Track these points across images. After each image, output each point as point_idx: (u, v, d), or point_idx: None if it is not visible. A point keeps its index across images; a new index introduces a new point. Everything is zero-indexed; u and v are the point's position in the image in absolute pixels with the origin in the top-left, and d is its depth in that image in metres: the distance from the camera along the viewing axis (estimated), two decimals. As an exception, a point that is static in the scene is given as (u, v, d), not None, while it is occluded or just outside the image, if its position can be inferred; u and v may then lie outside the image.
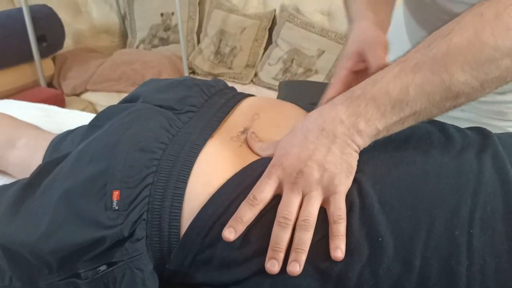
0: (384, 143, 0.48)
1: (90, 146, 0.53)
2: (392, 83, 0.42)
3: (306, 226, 0.42)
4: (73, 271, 0.48)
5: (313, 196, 0.44)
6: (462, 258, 0.37)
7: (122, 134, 0.52)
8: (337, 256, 0.41)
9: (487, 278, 0.36)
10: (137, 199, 0.47)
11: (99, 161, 0.50)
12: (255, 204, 0.44)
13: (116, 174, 0.48)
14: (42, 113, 1.06)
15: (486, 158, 0.44)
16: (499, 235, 0.38)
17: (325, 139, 0.44)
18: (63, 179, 0.51)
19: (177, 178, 0.48)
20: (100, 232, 0.46)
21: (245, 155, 0.51)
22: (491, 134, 0.48)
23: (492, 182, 0.41)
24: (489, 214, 0.39)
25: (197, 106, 0.58)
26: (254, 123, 0.56)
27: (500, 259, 0.37)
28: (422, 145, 0.47)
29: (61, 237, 0.47)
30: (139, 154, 0.49)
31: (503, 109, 0.72)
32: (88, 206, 0.47)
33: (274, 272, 0.41)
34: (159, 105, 0.57)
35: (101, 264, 0.47)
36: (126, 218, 0.46)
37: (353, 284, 0.41)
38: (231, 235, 0.43)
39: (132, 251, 0.46)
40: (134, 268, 0.46)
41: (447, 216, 0.40)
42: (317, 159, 0.44)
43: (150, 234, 0.47)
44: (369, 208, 0.42)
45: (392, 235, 0.40)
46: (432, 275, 0.38)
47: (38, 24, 1.95)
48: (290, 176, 0.44)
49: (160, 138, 0.51)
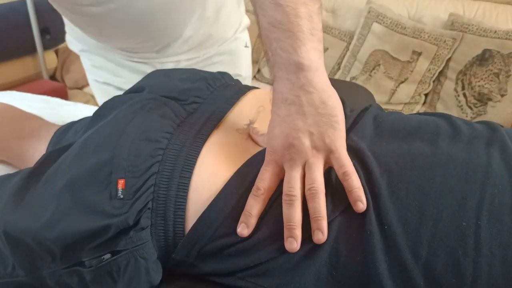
0: (392, 135, 0.49)
1: (94, 136, 0.53)
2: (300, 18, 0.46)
3: (314, 194, 0.43)
4: (76, 259, 0.48)
5: (311, 163, 0.44)
6: (469, 250, 0.37)
7: (126, 123, 0.52)
8: (359, 208, 0.41)
9: (494, 270, 0.36)
10: (143, 188, 0.47)
11: (103, 150, 0.50)
12: (260, 194, 0.44)
13: (121, 163, 0.48)
14: (45, 105, 1.06)
15: (494, 151, 0.44)
16: (506, 227, 0.38)
17: (293, 106, 0.45)
18: (67, 168, 0.51)
19: (182, 167, 0.48)
20: (105, 220, 0.46)
21: (251, 147, 0.52)
22: (499, 127, 0.48)
23: (500, 175, 0.41)
24: (497, 207, 0.39)
25: (203, 97, 0.58)
26: (260, 115, 0.56)
27: (507, 251, 0.37)
28: (430, 137, 0.47)
29: (65, 226, 0.47)
30: (144, 144, 0.49)
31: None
32: (92, 195, 0.48)
33: (294, 250, 0.41)
34: (164, 95, 0.58)
35: (106, 253, 0.47)
36: (131, 207, 0.46)
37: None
38: (244, 231, 0.43)
39: (137, 239, 0.46)
40: (138, 257, 0.46)
41: (455, 207, 0.40)
42: (300, 127, 0.44)
43: (155, 223, 0.47)
44: (377, 196, 0.43)
45: (399, 224, 0.40)
46: (438, 265, 0.38)
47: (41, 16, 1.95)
48: (285, 156, 0.45)
49: (165, 128, 0.51)
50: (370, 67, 1.87)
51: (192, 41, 0.84)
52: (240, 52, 0.95)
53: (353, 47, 1.92)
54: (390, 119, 0.52)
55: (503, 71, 1.62)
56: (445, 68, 1.75)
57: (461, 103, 1.72)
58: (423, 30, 1.75)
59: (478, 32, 1.67)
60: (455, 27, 1.72)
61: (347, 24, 2.00)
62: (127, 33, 0.78)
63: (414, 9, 1.86)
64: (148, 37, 0.80)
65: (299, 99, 0.44)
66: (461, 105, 1.72)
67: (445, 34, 1.72)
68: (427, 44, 1.74)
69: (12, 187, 0.54)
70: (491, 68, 1.64)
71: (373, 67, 1.86)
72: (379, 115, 0.53)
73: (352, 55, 1.93)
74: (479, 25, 1.67)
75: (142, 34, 0.79)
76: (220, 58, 0.91)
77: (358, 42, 1.91)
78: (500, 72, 1.62)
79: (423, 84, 1.78)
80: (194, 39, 0.84)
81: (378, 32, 1.84)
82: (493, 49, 1.63)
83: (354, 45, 1.92)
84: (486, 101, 1.66)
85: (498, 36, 1.62)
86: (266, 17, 0.47)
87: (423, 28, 1.76)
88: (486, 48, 1.64)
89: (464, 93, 1.71)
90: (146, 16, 0.74)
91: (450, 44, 1.71)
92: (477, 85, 1.67)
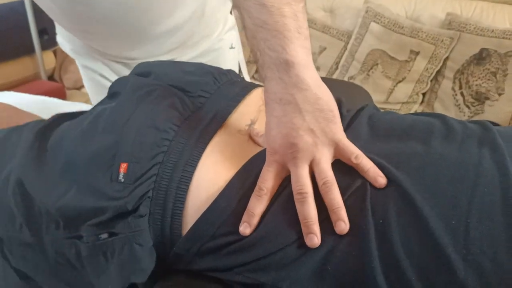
0: (386, 135, 0.49)
1: (102, 116, 0.53)
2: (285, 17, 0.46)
3: (329, 187, 0.43)
4: (77, 232, 0.49)
5: (318, 158, 0.45)
6: (459, 247, 0.38)
7: (134, 108, 0.52)
8: (380, 183, 0.42)
9: (485, 268, 0.37)
10: (145, 176, 0.47)
11: (110, 132, 0.50)
12: (262, 194, 0.45)
13: (125, 147, 0.48)
14: (43, 106, 1.06)
15: (485, 150, 0.44)
16: (497, 225, 0.38)
17: (288, 105, 0.45)
18: (74, 143, 0.52)
19: (186, 161, 0.48)
20: (103, 202, 0.47)
21: (253, 148, 0.52)
22: (491, 126, 0.48)
23: (491, 174, 0.41)
24: (488, 205, 0.39)
25: (209, 92, 0.58)
26: (261, 114, 0.56)
27: (497, 249, 0.37)
28: (423, 137, 0.47)
29: (67, 200, 0.48)
30: (152, 132, 0.50)
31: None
32: (94, 175, 0.48)
33: (315, 245, 0.42)
34: (171, 84, 0.58)
35: (103, 232, 0.48)
36: (132, 193, 0.47)
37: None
38: (246, 230, 0.44)
39: (134, 226, 0.47)
40: (134, 243, 0.47)
41: (445, 206, 0.40)
42: (299, 126, 0.44)
43: (153, 212, 0.47)
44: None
45: (393, 220, 0.40)
46: (430, 262, 0.38)
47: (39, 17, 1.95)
48: (287, 155, 0.45)
49: (173, 120, 0.52)
50: (368, 66, 1.87)
51: (173, 40, 0.83)
52: (225, 53, 0.94)
53: (351, 46, 1.93)
54: (384, 119, 0.52)
55: (500, 70, 1.62)
56: (442, 67, 1.76)
57: (458, 102, 1.72)
58: (420, 29, 1.75)
59: (476, 32, 1.67)
60: (453, 26, 1.72)
61: (345, 23, 2.00)
62: (101, 31, 0.78)
63: (412, 8, 1.86)
64: (120, 35, 0.79)
65: (294, 97, 0.45)
66: (459, 104, 1.72)
67: (443, 33, 1.72)
68: (425, 44, 1.75)
69: (24, 146, 0.55)
70: (488, 67, 1.64)
71: (371, 66, 1.86)
72: (374, 115, 0.53)
73: (350, 55, 1.93)
74: (476, 24, 1.68)
75: (113, 32, 0.78)
76: (203, 60, 0.90)
77: (356, 41, 1.91)
78: (498, 71, 1.62)
79: (421, 83, 1.79)
80: (175, 38, 0.82)
81: (376, 31, 1.85)
82: (490, 48, 1.63)
83: (352, 44, 1.92)
84: (483, 100, 1.67)
85: (495, 35, 1.63)
86: (251, 18, 0.47)
87: (421, 27, 1.76)
88: (484, 47, 1.65)
89: (461, 92, 1.72)
90: (114, 14, 0.73)
91: (448, 44, 1.71)
92: (474, 84, 1.68)
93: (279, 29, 0.45)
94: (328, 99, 0.46)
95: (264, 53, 0.46)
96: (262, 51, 0.47)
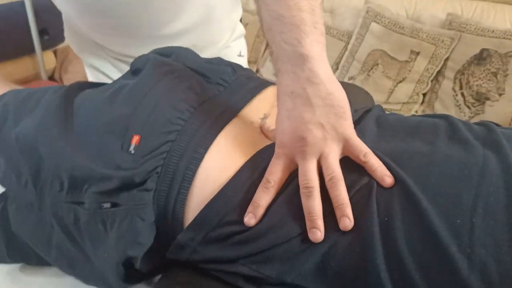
0: (393, 135, 0.49)
1: (123, 90, 0.54)
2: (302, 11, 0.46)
3: (336, 182, 0.43)
4: (79, 199, 0.50)
5: (326, 153, 0.45)
6: (464, 246, 0.38)
7: (154, 85, 0.53)
8: (387, 183, 0.42)
9: (488, 267, 0.37)
10: (156, 151, 0.48)
11: (128, 104, 0.51)
12: (269, 186, 0.45)
13: (140, 120, 0.49)
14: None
15: (490, 151, 0.44)
16: (501, 225, 0.38)
17: (299, 98, 0.45)
18: (93, 107, 0.54)
19: (198, 143, 0.49)
20: (111, 170, 0.48)
21: (263, 141, 0.52)
22: (495, 127, 0.49)
23: (495, 174, 0.41)
24: (492, 204, 0.39)
25: (228, 81, 0.58)
26: (274, 109, 0.57)
27: (501, 249, 0.37)
28: (429, 137, 0.47)
29: (78, 160, 0.50)
30: (168, 109, 0.50)
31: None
32: (106, 142, 0.49)
33: (318, 240, 0.41)
34: (192, 68, 0.58)
35: (106, 202, 0.49)
36: (140, 166, 0.47)
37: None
38: (251, 220, 0.44)
39: (138, 199, 0.48)
40: (135, 216, 0.47)
41: (449, 204, 0.40)
42: (309, 120, 0.44)
43: (159, 188, 0.48)
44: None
45: (397, 218, 0.40)
46: (433, 261, 0.38)
47: (40, 17, 1.95)
48: (296, 148, 0.45)
49: (190, 101, 0.52)
50: (368, 66, 1.87)
51: (179, 44, 0.83)
52: (231, 60, 0.94)
53: (352, 46, 1.93)
54: (391, 120, 0.53)
55: (501, 71, 1.62)
56: (443, 67, 1.76)
57: (459, 103, 1.72)
58: (421, 29, 1.75)
59: (476, 32, 1.67)
60: (453, 26, 1.72)
61: (345, 24, 2.00)
62: (106, 23, 0.79)
63: (412, 8, 1.86)
64: (124, 31, 0.80)
65: (305, 91, 0.45)
66: (459, 105, 1.72)
67: (443, 33, 1.72)
68: (425, 44, 1.74)
69: (51, 105, 0.56)
70: (489, 68, 1.64)
71: (371, 66, 1.86)
72: (381, 116, 0.54)
73: (350, 55, 1.93)
74: (477, 24, 1.68)
75: (118, 26, 0.79)
76: None
77: (357, 41, 1.91)
78: (498, 71, 1.62)
79: (421, 83, 1.79)
80: (181, 42, 0.82)
81: (376, 31, 1.85)
82: (491, 49, 1.63)
83: (353, 44, 1.92)
84: (484, 101, 1.67)
85: (496, 36, 1.63)
86: (268, 11, 0.47)
87: (421, 27, 1.76)
88: (484, 48, 1.65)
89: (462, 92, 1.72)
90: (115, 7, 0.74)
91: (448, 44, 1.71)
92: (475, 84, 1.68)
93: (295, 23, 0.45)
94: (340, 96, 0.46)
95: (279, 46, 0.46)
96: (277, 44, 0.47)
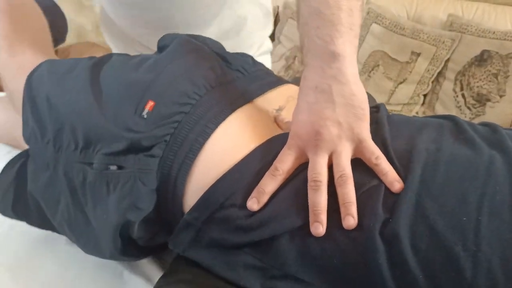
0: (400, 134, 0.49)
1: (148, 60, 0.56)
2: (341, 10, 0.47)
3: (345, 180, 0.43)
4: (90, 159, 0.52)
5: (339, 150, 0.45)
6: (469, 245, 0.38)
7: (177, 58, 0.55)
8: (396, 188, 0.42)
9: (493, 265, 0.37)
10: (168, 120, 0.49)
11: (149, 72, 0.53)
12: (277, 174, 0.45)
13: (158, 88, 0.51)
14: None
15: (496, 151, 0.44)
16: (506, 224, 0.38)
17: (322, 94, 0.46)
18: (115, 71, 0.56)
19: (210, 119, 0.50)
20: (121, 130, 0.49)
21: (275, 130, 0.53)
22: (500, 129, 0.49)
23: (502, 174, 0.42)
24: (498, 203, 0.39)
25: (247, 71, 0.60)
26: (289, 104, 0.58)
27: (506, 247, 0.37)
28: (435, 136, 0.48)
29: (94, 119, 0.52)
30: (186, 82, 0.52)
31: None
32: (121, 103, 0.51)
33: (320, 234, 0.42)
34: (216, 52, 0.60)
35: (113, 164, 0.50)
36: (151, 131, 0.49)
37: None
38: (254, 205, 0.44)
39: (144, 164, 0.49)
40: (138, 180, 0.49)
41: (455, 203, 0.40)
42: (328, 116, 0.45)
43: (165, 156, 0.49)
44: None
45: (401, 216, 0.41)
46: (437, 259, 0.38)
47: (41, 17, 1.95)
48: (310, 141, 0.46)
49: (209, 79, 0.54)
50: (369, 67, 1.87)
51: None
52: None
53: (352, 47, 1.93)
54: (396, 119, 0.53)
55: (501, 72, 1.62)
56: (444, 68, 1.75)
57: (459, 104, 1.72)
58: (422, 30, 1.75)
59: (477, 33, 1.67)
60: (454, 27, 1.72)
61: (346, 24, 2.00)
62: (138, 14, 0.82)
63: (413, 10, 1.86)
64: (153, 25, 0.82)
65: (330, 88, 0.45)
66: (460, 106, 1.72)
67: (444, 34, 1.72)
68: (426, 45, 1.74)
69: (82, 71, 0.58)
70: (489, 69, 1.64)
71: (372, 67, 1.86)
72: (388, 116, 0.54)
73: (351, 56, 1.93)
74: (477, 26, 1.68)
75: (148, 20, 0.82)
76: None
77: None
78: (499, 72, 1.62)
79: (422, 84, 1.79)
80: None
81: (377, 33, 1.85)
82: (491, 50, 1.63)
83: (353, 45, 1.92)
84: (484, 102, 1.67)
85: (496, 37, 1.63)
86: (308, 6, 0.48)
87: (422, 29, 1.76)
88: (485, 49, 1.65)
89: (462, 93, 1.72)
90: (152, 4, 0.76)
91: (449, 45, 1.71)
92: (475, 85, 1.68)
93: (333, 21, 0.46)
94: (362, 98, 0.46)
95: (312, 40, 0.47)
96: (310, 38, 0.47)
